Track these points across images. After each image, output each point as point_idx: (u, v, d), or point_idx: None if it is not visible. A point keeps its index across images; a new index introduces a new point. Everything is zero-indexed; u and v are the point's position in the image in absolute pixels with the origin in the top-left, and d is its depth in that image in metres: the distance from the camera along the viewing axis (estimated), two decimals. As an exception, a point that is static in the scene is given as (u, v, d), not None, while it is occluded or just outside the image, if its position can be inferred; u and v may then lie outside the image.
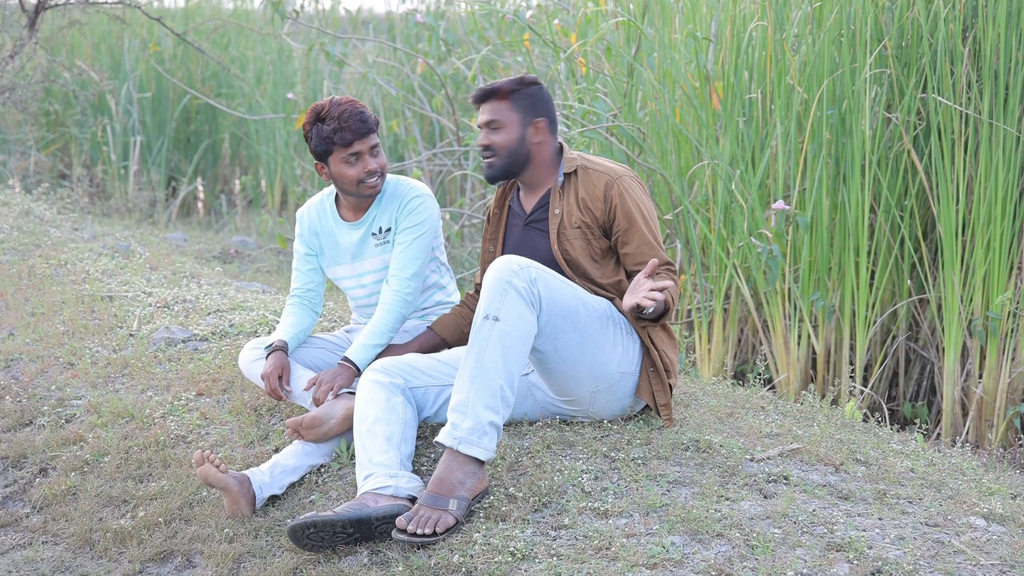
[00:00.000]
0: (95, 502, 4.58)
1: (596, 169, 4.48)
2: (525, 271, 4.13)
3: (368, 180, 4.70)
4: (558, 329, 4.23)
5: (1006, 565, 3.60)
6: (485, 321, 4.07)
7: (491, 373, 4.03)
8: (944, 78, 6.11)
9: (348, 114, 4.63)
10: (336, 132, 4.63)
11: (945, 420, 6.16)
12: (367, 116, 4.67)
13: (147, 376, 5.37)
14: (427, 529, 3.88)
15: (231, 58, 12.45)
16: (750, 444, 4.43)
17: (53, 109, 11.97)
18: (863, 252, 6.26)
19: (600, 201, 4.43)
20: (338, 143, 4.64)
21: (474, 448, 3.99)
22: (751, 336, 6.86)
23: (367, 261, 4.87)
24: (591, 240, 4.45)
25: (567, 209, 4.46)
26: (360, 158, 4.68)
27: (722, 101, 6.68)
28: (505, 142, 4.47)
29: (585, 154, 4.59)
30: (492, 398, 4.02)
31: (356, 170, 4.69)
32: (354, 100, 4.69)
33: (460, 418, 4.01)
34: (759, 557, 3.63)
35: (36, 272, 7.06)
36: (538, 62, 8.93)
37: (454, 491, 3.96)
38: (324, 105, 4.68)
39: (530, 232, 4.55)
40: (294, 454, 4.47)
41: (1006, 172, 6.00)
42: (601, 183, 4.44)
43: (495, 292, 4.09)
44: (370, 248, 4.85)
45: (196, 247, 9.29)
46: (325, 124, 4.64)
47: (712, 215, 6.65)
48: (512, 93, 4.48)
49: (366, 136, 4.66)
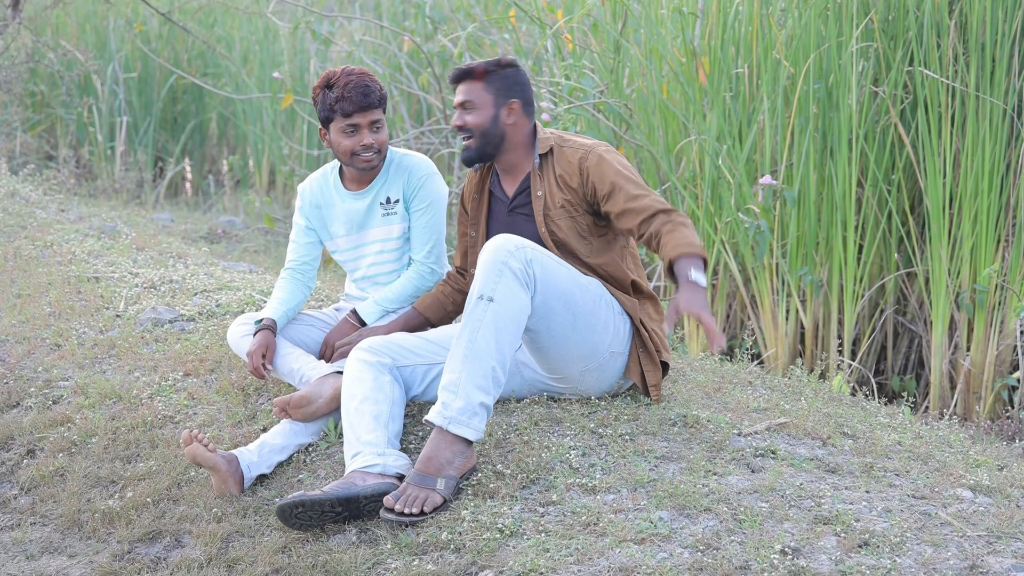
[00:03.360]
0: (83, 483, 4.58)
1: (570, 146, 4.46)
2: (521, 251, 4.12)
3: (363, 154, 4.70)
4: (551, 310, 4.22)
5: (992, 536, 3.61)
6: (479, 301, 4.06)
7: (483, 354, 4.02)
8: (931, 51, 6.11)
9: (353, 85, 4.63)
10: (338, 101, 4.64)
11: (933, 393, 6.17)
12: (371, 90, 4.66)
13: (134, 357, 5.36)
14: (415, 508, 3.89)
15: (217, 37, 12.40)
16: (738, 419, 4.43)
17: (39, 90, 11.92)
18: (850, 226, 6.26)
19: (576, 175, 4.41)
20: (338, 112, 4.65)
21: (464, 428, 3.99)
22: (739, 311, 6.86)
23: (372, 231, 4.86)
24: (576, 217, 4.43)
25: (548, 190, 4.44)
26: (358, 130, 4.67)
27: (709, 76, 6.67)
28: (478, 122, 4.45)
29: (559, 131, 4.58)
30: (484, 379, 4.02)
31: (352, 141, 4.68)
32: (367, 73, 4.68)
33: (451, 398, 4.00)
34: (747, 531, 3.63)
35: (22, 254, 7.04)
36: (524, 39, 8.90)
37: (442, 470, 3.96)
38: (336, 72, 4.68)
39: (515, 217, 4.53)
40: (282, 433, 4.47)
41: (993, 145, 6.00)
42: (576, 158, 4.42)
43: (490, 272, 4.08)
44: (376, 218, 4.84)
45: (183, 227, 9.27)
46: (331, 91, 4.66)
47: (699, 191, 6.65)
48: (487, 74, 4.46)
49: (367, 110, 4.65)
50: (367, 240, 4.88)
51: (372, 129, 4.69)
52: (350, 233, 4.90)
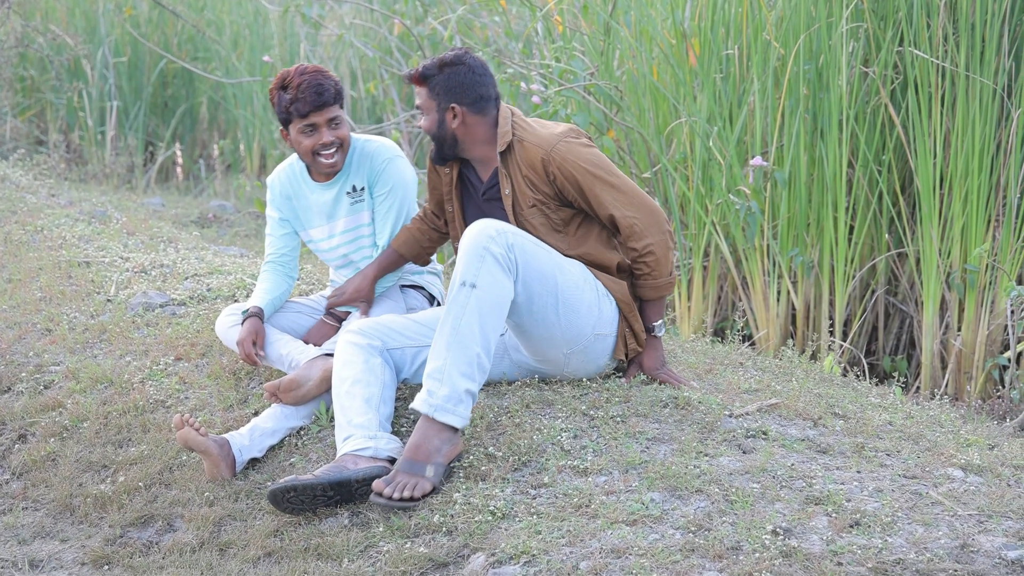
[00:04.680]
0: (75, 468, 4.58)
1: (529, 141, 4.35)
2: (502, 236, 4.11)
3: (323, 152, 4.70)
4: (534, 293, 4.22)
5: (983, 515, 3.61)
6: (462, 288, 4.05)
7: (468, 340, 4.02)
8: (921, 31, 6.10)
9: (307, 85, 4.60)
10: (293, 102, 4.62)
11: (924, 373, 6.18)
12: (325, 88, 4.62)
13: (125, 341, 5.35)
14: (404, 494, 3.89)
15: (207, 21, 12.36)
16: (729, 400, 4.44)
17: (28, 75, 11.88)
18: (841, 207, 6.26)
19: (543, 176, 4.35)
20: (295, 114, 4.63)
21: (450, 416, 3.99)
22: (731, 293, 6.86)
23: (343, 220, 4.87)
24: (550, 214, 4.39)
25: (518, 187, 4.38)
26: (317, 129, 4.67)
27: (699, 58, 6.66)
28: (428, 127, 4.41)
29: (521, 119, 4.46)
30: (468, 365, 4.02)
31: (312, 140, 4.68)
32: (320, 70, 4.64)
33: (436, 385, 4.00)
34: (738, 512, 3.64)
35: (12, 239, 7.03)
36: (515, 21, 8.89)
37: (431, 457, 3.96)
38: (290, 72, 4.65)
39: (490, 205, 4.50)
40: (273, 416, 4.47)
41: (983, 125, 6.00)
42: (537, 159, 4.33)
43: (472, 258, 4.07)
44: (345, 207, 4.85)
45: (174, 212, 9.25)
46: (286, 92, 4.64)
47: (690, 173, 6.64)
48: (425, 79, 4.38)
49: (322, 109, 4.63)
50: (339, 230, 4.90)
51: (331, 127, 4.68)
52: (322, 224, 4.91)
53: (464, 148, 4.45)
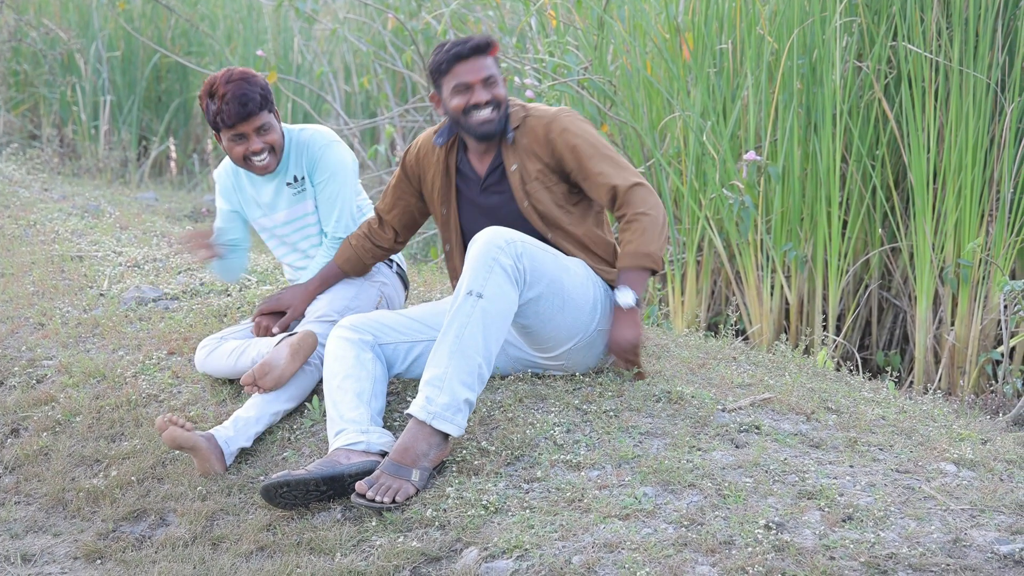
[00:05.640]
0: (67, 462, 4.57)
1: (534, 115, 4.43)
2: (511, 246, 4.10)
3: (253, 159, 4.72)
4: (540, 296, 4.22)
5: (976, 510, 3.62)
6: (468, 297, 4.04)
7: (470, 350, 4.01)
8: (914, 26, 6.10)
9: (231, 96, 4.60)
10: (219, 114, 4.63)
11: (917, 368, 6.18)
12: (250, 98, 4.61)
13: (118, 336, 5.35)
14: (387, 498, 3.88)
15: (200, 16, 12.34)
16: (722, 394, 4.44)
17: (21, 69, 11.86)
18: (835, 202, 6.26)
19: (545, 146, 4.37)
20: (221, 124, 4.65)
21: (447, 424, 3.98)
22: (724, 288, 6.86)
23: (287, 211, 4.92)
24: (551, 187, 4.41)
25: (522, 163, 4.41)
26: (246, 138, 4.69)
27: (692, 52, 6.65)
28: (503, 96, 4.40)
29: (520, 102, 4.52)
30: (469, 375, 4.01)
31: (241, 148, 4.71)
32: (246, 76, 4.63)
33: (436, 392, 3.99)
34: (731, 506, 3.64)
35: (5, 233, 7.02)
36: (508, 16, 8.87)
37: (417, 462, 3.96)
38: (217, 79, 4.64)
39: (488, 195, 4.48)
40: (254, 405, 4.47)
41: (976, 119, 6.00)
42: (540, 127, 4.38)
43: (480, 268, 4.06)
44: (285, 198, 4.89)
45: (167, 206, 9.24)
46: (213, 102, 4.64)
47: (684, 167, 6.64)
48: (495, 50, 4.43)
49: (248, 119, 4.64)
50: (282, 220, 4.95)
51: (259, 133, 4.69)
52: (266, 215, 4.95)
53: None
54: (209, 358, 4.77)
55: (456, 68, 4.36)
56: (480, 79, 4.34)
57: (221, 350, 4.75)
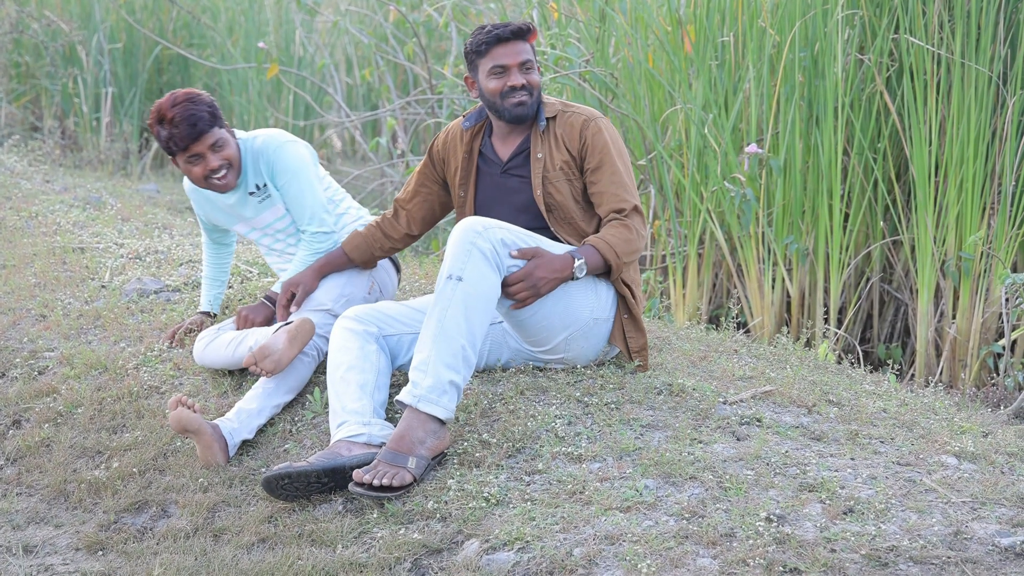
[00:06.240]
0: (69, 453, 4.58)
1: (574, 111, 4.48)
2: (489, 231, 4.11)
3: (212, 177, 4.72)
4: None
5: (977, 502, 3.62)
6: (448, 281, 4.05)
7: (453, 333, 4.02)
8: (916, 18, 6.09)
9: (179, 119, 4.58)
10: (170, 139, 4.62)
11: (919, 361, 6.18)
12: (199, 118, 4.60)
13: (120, 327, 5.35)
14: (384, 481, 3.87)
15: (202, 7, 12.33)
16: (723, 387, 4.44)
17: (23, 61, 11.85)
18: (836, 195, 6.26)
19: (577, 140, 4.42)
20: (175, 148, 4.65)
21: (433, 406, 3.98)
22: (725, 280, 6.86)
23: (257, 219, 4.93)
24: (573, 181, 4.44)
25: (549, 152, 4.43)
26: (202, 157, 4.68)
27: (694, 45, 6.65)
28: (538, 80, 4.44)
29: (560, 100, 4.58)
30: (453, 357, 4.01)
31: (200, 168, 4.70)
32: (191, 97, 4.62)
33: (421, 376, 4.00)
34: (732, 499, 3.64)
35: (7, 224, 7.02)
36: (510, 8, 8.87)
37: (414, 449, 3.95)
38: (163, 105, 4.62)
39: (507, 179, 4.51)
40: (255, 397, 4.48)
41: (978, 112, 6.00)
42: (579, 122, 4.43)
43: (459, 252, 4.08)
44: (252, 207, 4.90)
45: (168, 198, 9.24)
46: (163, 128, 4.63)
47: (685, 160, 6.64)
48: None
49: (200, 138, 4.63)
50: (255, 227, 4.97)
51: (214, 150, 4.69)
52: (238, 224, 4.98)
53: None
54: (207, 349, 4.78)
55: (495, 50, 4.39)
56: (518, 63, 4.38)
57: (219, 341, 4.76)
